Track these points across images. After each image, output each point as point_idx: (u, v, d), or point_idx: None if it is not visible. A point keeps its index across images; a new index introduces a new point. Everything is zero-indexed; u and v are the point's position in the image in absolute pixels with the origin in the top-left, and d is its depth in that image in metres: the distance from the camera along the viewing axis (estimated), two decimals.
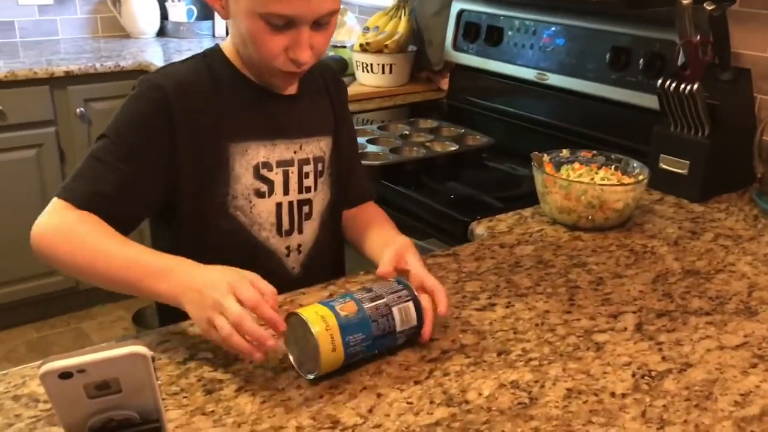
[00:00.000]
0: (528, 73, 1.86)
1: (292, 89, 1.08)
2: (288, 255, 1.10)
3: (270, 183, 1.05)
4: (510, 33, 1.92)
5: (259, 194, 1.05)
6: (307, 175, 1.09)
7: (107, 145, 0.98)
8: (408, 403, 0.78)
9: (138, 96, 1.00)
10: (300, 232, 1.10)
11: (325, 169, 1.12)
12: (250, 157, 1.04)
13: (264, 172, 1.05)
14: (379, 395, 0.79)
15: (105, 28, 3.15)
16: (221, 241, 1.04)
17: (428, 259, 1.12)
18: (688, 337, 0.92)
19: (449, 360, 0.86)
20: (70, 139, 2.58)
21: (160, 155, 0.99)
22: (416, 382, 0.81)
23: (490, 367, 0.85)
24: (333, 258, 1.20)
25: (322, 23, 0.97)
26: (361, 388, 0.81)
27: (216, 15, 3.14)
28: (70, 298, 2.78)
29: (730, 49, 1.37)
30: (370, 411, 0.77)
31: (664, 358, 0.87)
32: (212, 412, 0.77)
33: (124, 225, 0.95)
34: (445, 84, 2.22)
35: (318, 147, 1.11)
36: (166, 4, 3.15)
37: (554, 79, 1.79)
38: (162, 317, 1.07)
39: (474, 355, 0.87)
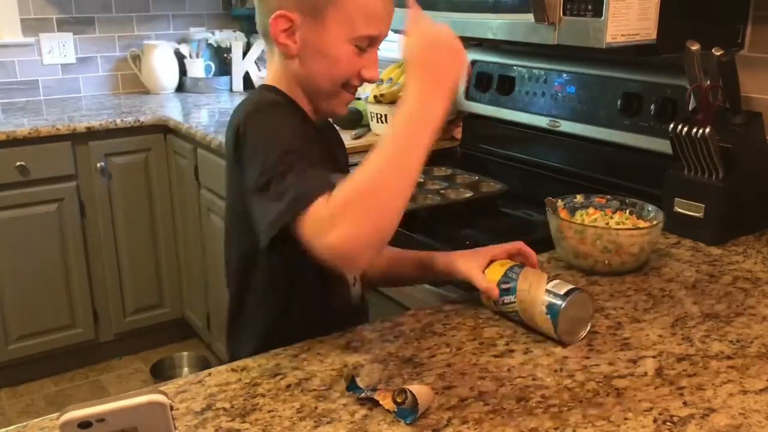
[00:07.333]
0: (540, 121, 1.88)
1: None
2: (354, 285, 1.16)
3: None
4: (521, 82, 1.95)
5: None
6: None
7: (285, 163, 0.92)
8: None
9: (275, 111, 1.00)
10: None
11: None
12: None
13: None
14: None
15: (125, 85, 3.24)
16: (312, 268, 0.97)
17: (445, 305, 1.12)
18: (710, 381, 0.91)
19: (468, 408, 0.85)
20: (90, 193, 2.63)
21: None
22: (435, 431, 0.81)
23: (509, 414, 0.84)
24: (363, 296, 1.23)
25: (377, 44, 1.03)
26: None
27: (234, 70, 3.22)
28: (89, 351, 2.80)
29: (740, 93, 1.38)
30: None
31: (685, 404, 0.86)
32: None
33: None
34: (458, 133, 2.24)
35: None
36: (185, 60, 3.23)
37: (566, 126, 1.81)
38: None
39: (493, 402, 0.86)
